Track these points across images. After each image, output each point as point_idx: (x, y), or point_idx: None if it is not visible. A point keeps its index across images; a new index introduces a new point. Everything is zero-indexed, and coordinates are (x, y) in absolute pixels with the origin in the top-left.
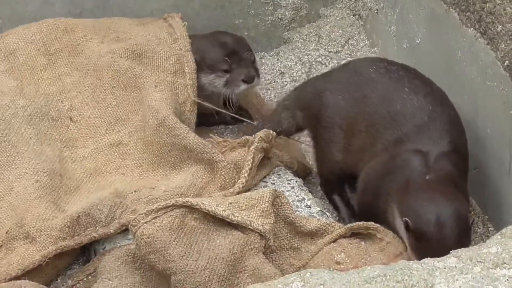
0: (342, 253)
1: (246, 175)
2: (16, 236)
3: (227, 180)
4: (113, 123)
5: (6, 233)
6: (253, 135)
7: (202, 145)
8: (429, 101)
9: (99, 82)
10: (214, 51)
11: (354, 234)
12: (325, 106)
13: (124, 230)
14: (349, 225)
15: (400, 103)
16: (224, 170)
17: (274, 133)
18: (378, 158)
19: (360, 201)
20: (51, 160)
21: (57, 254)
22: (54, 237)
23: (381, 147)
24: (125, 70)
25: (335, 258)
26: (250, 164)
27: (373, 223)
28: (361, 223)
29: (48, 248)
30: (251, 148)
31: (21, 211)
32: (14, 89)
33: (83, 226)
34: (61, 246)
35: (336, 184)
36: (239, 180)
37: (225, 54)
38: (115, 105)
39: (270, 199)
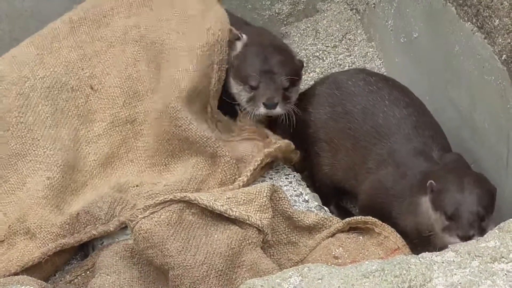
0: (340, 248)
1: (248, 174)
2: (17, 231)
3: (228, 176)
4: (131, 96)
5: (9, 227)
6: (274, 139)
7: (205, 138)
8: (411, 112)
9: (122, 53)
10: (251, 63)
11: (352, 229)
12: (309, 122)
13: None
14: (347, 219)
15: (382, 116)
16: (226, 165)
17: (294, 147)
18: (376, 176)
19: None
20: (66, 148)
21: (57, 251)
22: (54, 234)
23: (374, 164)
24: (151, 43)
25: (333, 253)
26: (256, 165)
27: (371, 217)
28: (358, 217)
29: (48, 245)
30: (265, 151)
31: (26, 206)
32: (34, 59)
33: (82, 223)
34: (60, 243)
35: (330, 194)
36: (240, 178)
37: (259, 70)
38: (136, 78)
39: (268, 193)
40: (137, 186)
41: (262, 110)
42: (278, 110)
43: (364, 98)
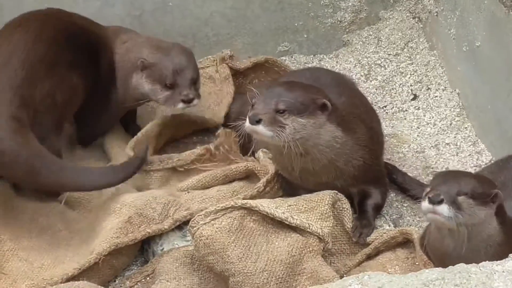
0: (397, 266)
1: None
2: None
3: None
4: None
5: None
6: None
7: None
8: None
9: None
10: (166, 63)
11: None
12: None
13: (181, 229)
14: (398, 228)
15: None
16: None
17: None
18: None
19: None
20: None
21: (113, 253)
22: (107, 237)
23: None
24: None
25: (388, 271)
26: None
27: (414, 231)
28: (408, 228)
29: (102, 245)
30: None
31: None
32: None
33: (136, 225)
34: (115, 243)
35: None
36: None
37: (174, 69)
38: None
39: (330, 201)
40: (188, 192)
41: (180, 105)
42: (261, 128)
43: None
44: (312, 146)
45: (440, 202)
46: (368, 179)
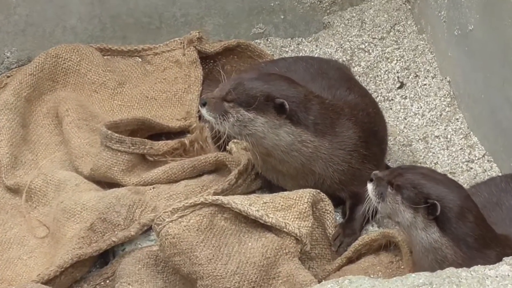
0: (379, 273)
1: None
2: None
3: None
4: None
5: None
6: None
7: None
8: None
9: None
10: None
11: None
12: None
13: (146, 230)
14: (381, 230)
15: None
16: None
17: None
18: None
19: None
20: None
21: (75, 264)
22: (69, 248)
23: None
24: None
25: (370, 277)
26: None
27: (398, 234)
28: (391, 231)
29: (63, 257)
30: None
31: None
32: None
33: (99, 233)
34: (77, 254)
35: None
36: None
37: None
38: None
39: (309, 199)
40: (153, 188)
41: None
42: (204, 111)
43: None
44: (272, 146)
45: (371, 180)
46: (360, 183)
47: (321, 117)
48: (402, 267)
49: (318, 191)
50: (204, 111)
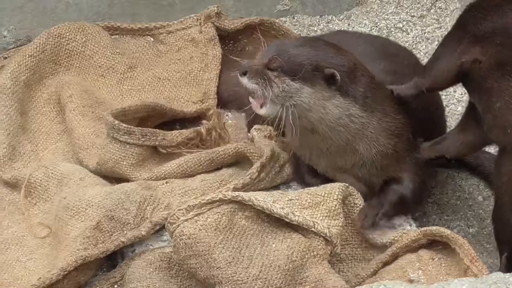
0: (420, 271)
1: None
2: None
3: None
4: None
5: None
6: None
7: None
8: None
9: None
10: None
11: (437, 243)
12: None
13: (158, 230)
14: (421, 229)
15: None
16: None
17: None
18: None
19: None
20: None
21: (80, 267)
22: (72, 249)
23: None
24: None
25: (409, 275)
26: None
27: (444, 229)
28: (434, 228)
29: (67, 259)
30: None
31: None
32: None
33: (107, 232)
34: (82, 256)
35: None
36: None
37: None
38: None
39: (339, 196)
40: (166, 183)
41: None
42: (245, 80)
43: None
44: (318, 120)
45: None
46: (400, 170)
47: (371, 90)
48: (443, 264)
49: (347, 185)
50: (245, 80)
